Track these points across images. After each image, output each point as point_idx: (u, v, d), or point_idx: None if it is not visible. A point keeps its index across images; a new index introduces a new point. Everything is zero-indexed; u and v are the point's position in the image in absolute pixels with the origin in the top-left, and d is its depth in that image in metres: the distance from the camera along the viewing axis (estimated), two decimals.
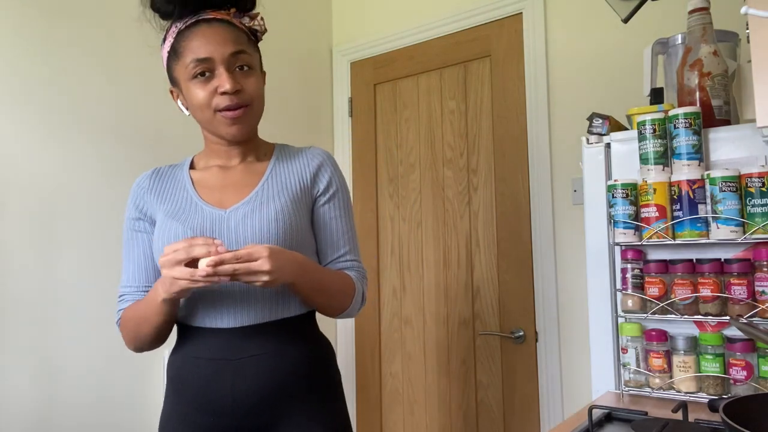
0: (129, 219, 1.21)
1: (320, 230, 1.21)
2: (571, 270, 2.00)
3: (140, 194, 1.21)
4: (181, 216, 1.13)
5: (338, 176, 1.25)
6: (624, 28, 1.89)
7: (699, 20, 1.35)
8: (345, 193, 1.25)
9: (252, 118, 1.14)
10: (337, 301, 1.17)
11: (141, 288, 1.17)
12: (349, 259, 1.23)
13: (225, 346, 1.09)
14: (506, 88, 2.21)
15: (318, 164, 1.22)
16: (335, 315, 1.20)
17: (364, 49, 2.60)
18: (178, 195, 1.18)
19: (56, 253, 1.73)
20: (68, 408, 1.72)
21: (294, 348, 1.12)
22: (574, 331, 1.98)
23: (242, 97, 1.10)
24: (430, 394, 2.32)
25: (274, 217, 1.12)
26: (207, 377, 1.09)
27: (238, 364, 1.08)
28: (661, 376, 1.32)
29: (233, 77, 1.09)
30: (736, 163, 1.28)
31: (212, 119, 1.12)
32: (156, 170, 1.24)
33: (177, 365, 1.14)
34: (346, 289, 1.18)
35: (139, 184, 1.23)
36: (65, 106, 1.78)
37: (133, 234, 1.20)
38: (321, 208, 1.21)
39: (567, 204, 2.02)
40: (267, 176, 1.19)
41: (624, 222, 1.35)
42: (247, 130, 1.14)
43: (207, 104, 1.10)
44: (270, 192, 1.16)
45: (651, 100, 1.48)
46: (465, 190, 2.29)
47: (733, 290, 1.22)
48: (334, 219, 1.22)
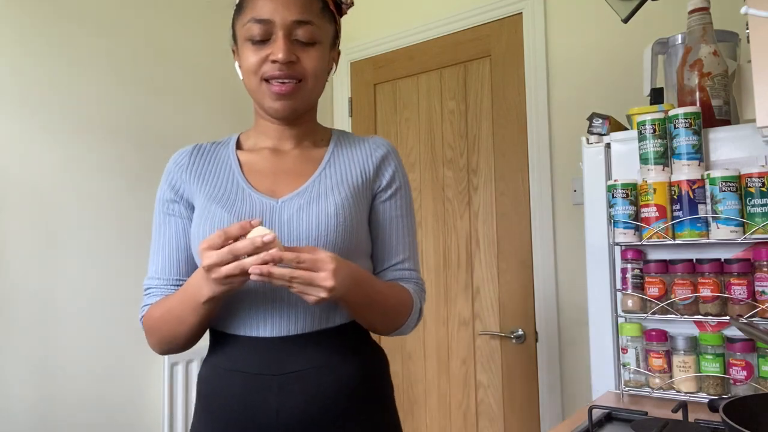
0: (161, 200, 1.05)
1: (378, 231, 1.07)
2: (571, 270, 2.00)
3: (177, 173, 1.05)
4: (227, 202, 0.99)
5: (402, 172, 1.11)
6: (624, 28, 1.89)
7: (699, 20, 1.35)
8: (408, 192, 1.12)
9: (303, 96, 1.00)
10: (389, 319, 1.02)
11: (171, 281, 1.02)
12: (408, 267, 1.09)
13: (267, 358, 0.95)
14: (506, 88, 2.21)
15: (382, 155, 1.08)
16: (385, 334, 1.05)
17: (364, 49, 2.60)
18: (223, 177, 1.03)
19: (56, 253, 1.73)
20: (68, 408, 1.72)
21: (346, 362, 0.98)
22: (574, 331, 1.98)
23: (295, 70, 0.97)
24: (430, 394, 2.32)
25: (333, 212, 0.98)
26: (246, 395, 0.94)
27: (283, 380, 0.94)
28: (661, 376, 1.32)
29: (290, 46, 0.95)
30: (736, 163, 1.28)
31: (258, 89, 0.99)
32: (197, 146, 1.08)
33: (210, 380, 0.99)
34: (402, 306, 1.02)
35: (177, 162, 1.06)
36: (65, 107, 1.78)
37: (164, 218, 1.04)
38: (381, 205, 1.07)
39: (567, 204, 2.02)
40: (325, 164, 1.05)
41: (624, 222, 1.35)
42: (293, 109, 1.00)
43: (255, 71, 0.97)
44: (328, 182, 1.02)
45: (651, 100, 1.48)
46: (465, 190, 2.29)
47: (733, 290, 1.22)
48: (394, 219, 1.08)
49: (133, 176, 1.94)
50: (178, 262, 1.03)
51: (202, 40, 2.20)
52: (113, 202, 1.88)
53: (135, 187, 1.94)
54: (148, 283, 1.04)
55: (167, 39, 2.08)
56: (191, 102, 2.15)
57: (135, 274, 1.91)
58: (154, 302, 1.01)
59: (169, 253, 1.03)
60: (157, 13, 2.06)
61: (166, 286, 1.02)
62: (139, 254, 1.93)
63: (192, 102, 2.15)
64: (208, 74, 2.22)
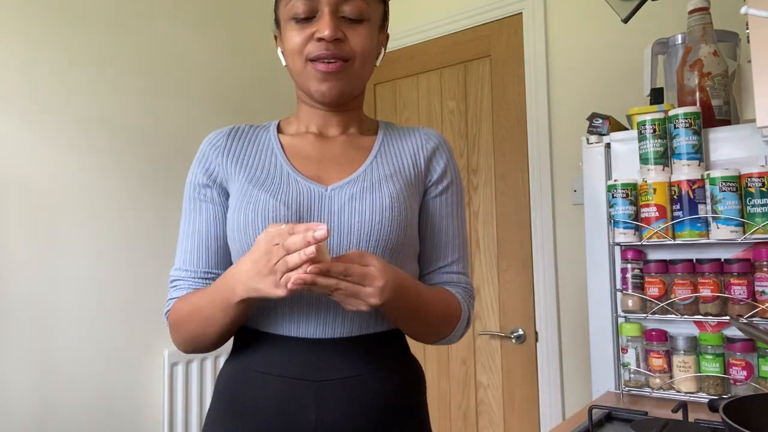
0: (193, 185, 0.96)
1: (427, 229, 0.99)
2: (571, 270, 2.00)
3: (212, 155, 0.96)
4: (271, 186, 0.90)
5: (454, 166, 1.03)
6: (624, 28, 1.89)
7: (699, 20, 1.35)
8: (460, 188, 1.04)
9: (350, 78, 0.92)
10: (434, 328, 0.94)
11: (198, 274, 0.93)
12: (457, 270, 1.00)
13: (306, 362, 0.87)
14: (506, 88, 2.21)
15: (434, 147, 1.01)
16: (431, 343, 0.98)
17: None
18: (264, 160, 0.95)
19: (56, 253, 1.73)
20: (68, 408, 1.72)
21: (390, 372, 0.91)
22: (574, 331, 1.98)
23: (342, 49, 0.89)
24: (430, 394, 2.32)
25: (389, 203, 0.90)
26: (282, 401, 0.85)
27: (322, 387, 0.86)
28: (661, 376, 1.32)
29: (336, 23, 0.88)
30: (736, 163, 1.28)
31: (302, 71, 0.91)
32: (234, 128, 0.99)
33: (238, 382, 0.90)
34: (449, 315, 0.94)
35: (213, 143, 0.97)
36: (66, 107, 1.78)
37: (195, 204, 0.95)
38: (432, 200, 0.99)
39: (567, 204, 2.02)
40: (375, 153, 0.97)
41: (624, 222, 1.35)
42: (340, 91, 0.91)
43: (299, 50, 0.90)
44: (381, 172, 0.94)
45: (651, 100, 1.48)
46: (465, 190, 2.29)
47: (733, 290, 1.22)
48: (445, 217, 1.00)
49: (134, 176, 1.94)
50: (208, 252, 0.94)
51: (203, 40, 2.20)
52: (113, 202, 1.88)
53: (135, 187, 1.94)
54: (175, 274, 0.96)
55: (169, 39, 2.08)
56: (193, 102, 2.15)
57: (135, 274, 1.91)
58: (180, 296, 0.93)
59: (198, 243, 0.94)
60: (159, 13, 2.06)
61: (194, 278, 0.94)
62: (140, 254, 1.93)
63: (193, 102, 2.15)
64: (209, 74, 2.22)
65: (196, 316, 0.87)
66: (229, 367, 0.94)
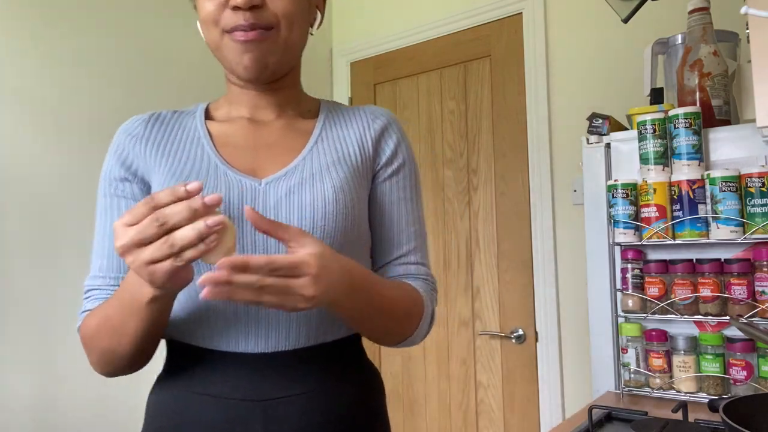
0: (108, 179, 0.84)
1: (379, 217, 0.88)
2: (571, 270, 2.00)
3: (129, 145, 0.84)
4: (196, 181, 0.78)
5: (406, 145, 0.92)
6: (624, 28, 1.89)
7: (699, 20, 1.35)
8: (414, 170, 0.93)
9: (276, 48, 0.79)
10: (396, 329, 0.83)
11: (118, 281, 0.82)
12: (415, 261, 0.90)
13: (251, 379, 0.77)
14: (506, 88, 2.21)
15: (382, 126, 0.90)
16: (391, 345, 0.87)
17: (364, 49, 2.59)
18: (189, 150, 0.83)
19: (56, 253, 1.73)
20: (68, 408, 1.72)
21: (345, 383, 0.82)
22: (574, 331, 1.98)
23: (261, 17, 0.77)
24: (430, 394, 2.32)
25: (332, 195, 0.80)
26: (225, 426, 0.75)
27: (270, 406, 0.76)
28: (661, 376, 1.32)
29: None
30: (736, 163, 1.28)
31: (219, 43, 0.80)
32: (154, 114, 0.88)
33: (173, 408, 0.79)
34: (412, 312, 0.83)
35: (129, 132, 0.85)
36: (65, 107, 1.78)
37: (112, 201, 0.83)
38: (381, 185, 0.88)
39: (567, 204, 2.02)
40: (316, 138, 0.86)
41: (624, 222, 1.35)
42: (264, 63, 0.80)
43: (214, 20, 0.79)
44: (323, 160, 0.84)
45: (651, 100, 1.48)
46: (465, 190, 2.29)
47: (733, 290, 1.22)
48: (397, 202, 0.89)
49: None
50: None
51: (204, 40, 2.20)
52: None
53: None
54: (89, 283, 0.84)
55: (171, 39, 2.08)
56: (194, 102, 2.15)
57: None
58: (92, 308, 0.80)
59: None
60: (160, 14, 2.06)
61: (112, 286, 0.81)
62: None
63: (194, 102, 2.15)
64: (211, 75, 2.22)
65: (105, 327, 0.74)
66: (161, 389, 0.83)
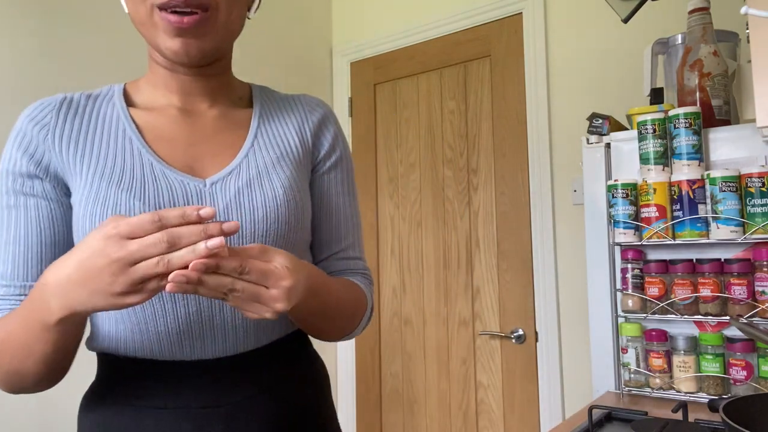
0: (13, 175, 0.73)
1: (317, 211, 0.86)
2: (571, 270, 2.00)
3: (39, 136, 0.73)
4: (131, 183, 0.71)
5: (343, 138, 0.90)
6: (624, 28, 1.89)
7: (699, 20, 1.35)
8: (350, 165, 0.91)
9: (214, 32, 0.72)
10: (341, 325, 0.82)
11: (27, 288, 0.73)
12: (354, 255, 0.89)
13: (207, 386, 0.74)
14: (506, 88, 2.21)
15: (320, 118, 0.87)
16: (335, 339, 0.85)
17: (364, 49, 2.60)
18: (116, 146, 0.74)
19: None
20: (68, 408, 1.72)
21: (295, 381, 0.81)
22: (574, 331, 1.98)
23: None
24: (430, 394, 2.32)
25: (283, 197, 0.76)
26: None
27: (230, 411, 0.74)
28: (661, 376, 1.32)
29: None
30: (736, 163, 1.28)
31: (147, 20, 0.71)
32: (64, 98, 0.77)
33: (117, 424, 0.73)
34: (357, 309, 0.84)
35: (36, 119, 0.74)
36: None
37: (18, 200, 0.72)
38: (320, 179, 0.86)
39: (567, 204, 2.03)
40: (255, 131, 0.81)
41: (624, 222, 1.35)
42: (200, 50, 0.72)
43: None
44: (266, 156, 0.79)
45: (651, 100, 1.48)
46: (465, 190, 2.29)
47: (733, 290, 1.22)
48: (335, 196, 0.87)
49: None
50: (39, 261, 0.72)
51: None
52: None
53: None
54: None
55: None
56: None
57: None
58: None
59: (25, 249, 0.72)
60: None
61: (19, 296, 0.72)
62: None
63: None
64: None
65: (9, 345, 0.66)
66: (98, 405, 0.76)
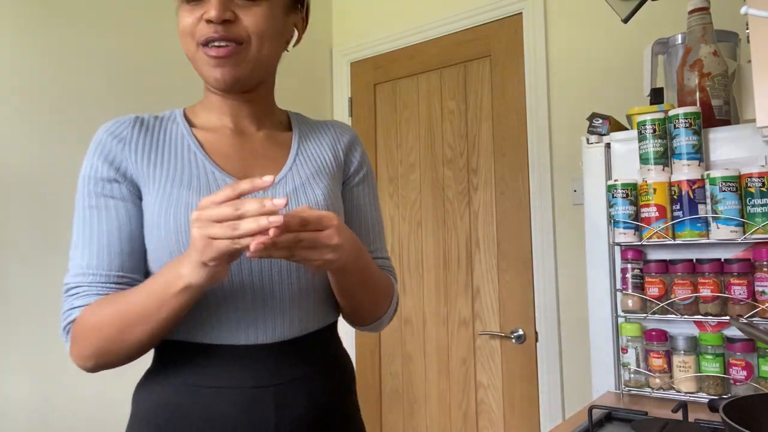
0: (94, 180, 0.85)
1: (349, 219, 1.00)
2: (571, 270, 2.00)
3: (117, 147, 0.86)
4: (198, 186, 0.85)
5: (367, 157, 1.06)
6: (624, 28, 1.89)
7: (699, 20, 1.35)
8: (374, 181, 1.07)
9: (246, 62, 0.85)
10: (377, 301, 0.94)
11: (112, 278, 0.83)
12: (380, 256, 1.02)
13: (262, 367, 0.84)
14: (506, 88, 2.21)
15: (349, 140, 1.02)
16: (369, 321, 0.98)
17: (364, 49, 2.60)
18: (183, 159, 0.88)
19: (56, 252, 1.73)
20: (68, 408, 1.72)
21: (334, 367, 0.93)
22: (574, 331, 1.98)
23: (232, 31, 0.83)
24: (430, 394, 2.32)
25: (324, 202, 0.90)
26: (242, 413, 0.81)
27: (281, 389, 0.84)
28: (661, 376, 1.32)
29: (225, 3, 0.82)
30: (736, 163, 1.28)
31: (194, 55, 0.86)
32: (137, 118, 0.91)
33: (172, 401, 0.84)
34: (388, 291, 0.96)
35: (114, 133, 0.87)
36: (66, 106, 1.78)
37: (100, 200, 0.85)
38: (350, 191, 1.00)
39: (567, 204, 2.02)
40: (296, 150, 0.95)
41: (624, 222, 1.35)
42: (235, 77, 0.85)
43: (190, 33, 0.85)
44: (307, 170, 0.93)
45: (651, 100, 1.48)
46: (465, 190, 2.29)
47: (733, 290, 1.22)
48: (363, 207, 1.01)
49: None
50: (121, 254, 0.84)
51: None
52: None
53: None
54: (75, 281, 0.84)
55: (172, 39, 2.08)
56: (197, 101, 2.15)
57: None
58: (86, 304, 0.82)
59: (109, 244, 0.83)
60: (163, 13, 2.06)
61: (104, 283, 0.82)
62: None
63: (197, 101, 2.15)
64: None
65: (120, 316, 0.78)
66: (154, 383, 0.87)
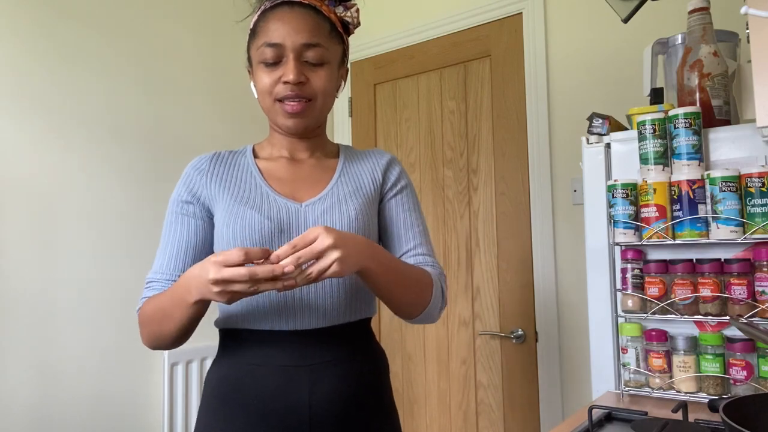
0: (176, 201, 1.10)
1: (388, 225, 1.14)
2: (571, 270, 2.00)
3: (196, 177, 1.10)
4: (254, 204, 1.05)
5: (406, 175, 1.20)
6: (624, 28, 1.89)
7: (699, 20, 1.35)
8: (414, 192, 1.20)
9: (313, 114, 1.07)
10: (415, 294, 1.04)
11: (173, 278, 1.06)
12: (422, 252, 1.13)
13: (298, 350, 1.02)
14: (506, 88, 2.21)
15: (387, 161, 1.18)
16: (415, 314, 1.07)
17: (364, 49, 2.59)
18: (245, 182, 1.09)
19: (57, 253, 1.73)
20: (68, 408, 1.72)
21: (365, 356, 1.08)
22: (574, 331, 1.98)
23: (305, 90, 1.04)
24: (430, 394, 2.32)
25: (355, 217, 1.06)
26: (282, 387, 1.00)
27: (315, 369, 1.01)
28: (661, 376, 1.32)
29: (299, 67, 1.03)
30: (736, 163, 1.28)
31: (272, 108, 1.07)
32: (216, 154, 1.14)
33: (235, 376, 1.02)
34: (424, 282, 1.05)
35: (196, 167, 1.11)
36: (66, 106, 1.78)
37: (177, 217, 1.09)
38: (389, 202, 1.15)
39: (567, 204, 2.02)
40: (339, 173, 1.13)
41: (624, 222, 1.35)
42: (304, 126, 1.08)
43: (269, 91, 1.05)
44: (345, 190, 1.10)
45: (651, 100, 1.48)
46: (465, 190, 2.29)
47: (733, 290, 1.22)
48: (402, 211, 1.15)
49: (134, 176, 1.94)
50: (185, 260, 1.06)
51: (209, 41, 2.20)
52: (114, 203, 1.88)
53: (136, 188, 1.94)
54: (151, 276, 1.08)
55: (174, 40, 2.08)
56: (194, 103, 2.15)
57: (135, 275, 1.91)
58: (151, 296, 1.04)
59: (177, 251, 1.06)
60: (166, 14, 2.06)
61: (168, 281, 1.05)
62: (140, 255, 1.93)
63: (195, 103, 2.15)
64: (215, 76, 2.22)
65: (158, 313, 0.99)
66: (220, 365, 1.06)
